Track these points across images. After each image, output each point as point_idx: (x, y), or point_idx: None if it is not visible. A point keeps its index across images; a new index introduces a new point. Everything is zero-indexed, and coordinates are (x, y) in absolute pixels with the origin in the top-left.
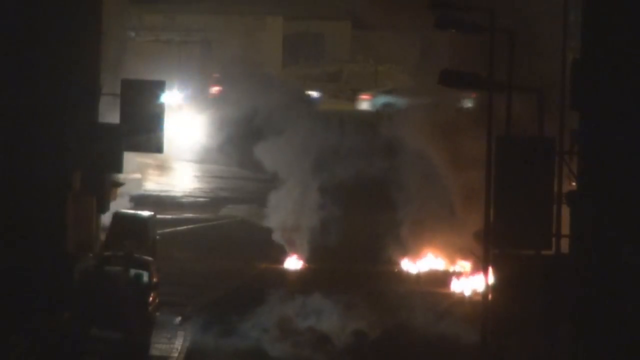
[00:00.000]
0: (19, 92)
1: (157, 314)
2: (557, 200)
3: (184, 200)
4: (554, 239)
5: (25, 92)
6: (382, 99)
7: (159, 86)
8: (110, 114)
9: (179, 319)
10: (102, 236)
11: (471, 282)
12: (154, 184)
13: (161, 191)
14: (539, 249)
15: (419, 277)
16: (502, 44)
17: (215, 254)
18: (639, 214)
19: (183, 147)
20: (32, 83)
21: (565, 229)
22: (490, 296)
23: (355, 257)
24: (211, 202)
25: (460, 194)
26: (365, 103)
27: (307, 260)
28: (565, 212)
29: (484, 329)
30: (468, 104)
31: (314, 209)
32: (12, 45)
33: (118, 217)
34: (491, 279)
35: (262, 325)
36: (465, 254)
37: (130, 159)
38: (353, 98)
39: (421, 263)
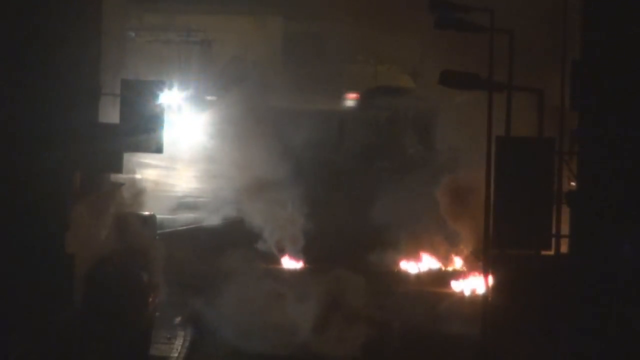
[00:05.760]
0: (18, 92)
1: (157, 314)
2: (557, 200)
3: (184, 200)
4: (553, 239)
5: (24, 92)
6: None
7: (159, 86)
8: (110, 114)
9: (179, 319)
10: (102, 236)
11: (470, 282)
12: (153, 184)
13: (161, 191)
14: (538, 249)
15: (418, 277)
16: (502, 44)
17: (215, 254)
18: (639, 214)
19: (183, 147)
20: (31, 83)
21: (565, 229)
22: (490, 296)
23: (353, 257)
24: (211, 202)
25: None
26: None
27: (306, 260)
28: (565, 212)
29: (484, 329)
30: None
31: (310, 208)
32: (12, 45)
33: (118, 217)
34: (491, 279)
35: (262, 324)
36: (464, 254)
37: (128, 159)
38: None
39: (421, 263)
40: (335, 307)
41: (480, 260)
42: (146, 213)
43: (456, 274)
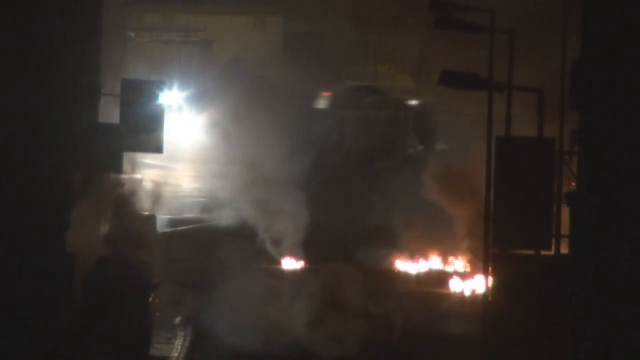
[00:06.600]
0: (18, 92)
1: (157, 314)
2: (557, 200)
3: (184, 200)
4: (553, 239)
5: (24, 92)
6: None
7: (159, 86)
8: (110, 114)
9: (179, 319)
10: (102, 236)
11: (470, 282)
12: (152, 184)
13: (161, 191)
14: (539, 249)
15: (418, 277)
16: (502, 44)
17: (215, 254)
18: (639, 214)
19: (183, 147)
20: (31, 83)
21: (565, 229)
22: (490, 296)
23: (352, 257)
24: (211, 202)
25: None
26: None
27: (306, 260)
28: (565, 212)
29: (484, 329)
30: None
31: (307, 209)
32: (12, 45)
33: (118, 217)
34: (491, 279)
35: (262, 324)
36: (464, 253)
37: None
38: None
39: (421, 263)
40: (333, 303)
41: (476, 257)
42: (146, 213)
43: (457, 274)
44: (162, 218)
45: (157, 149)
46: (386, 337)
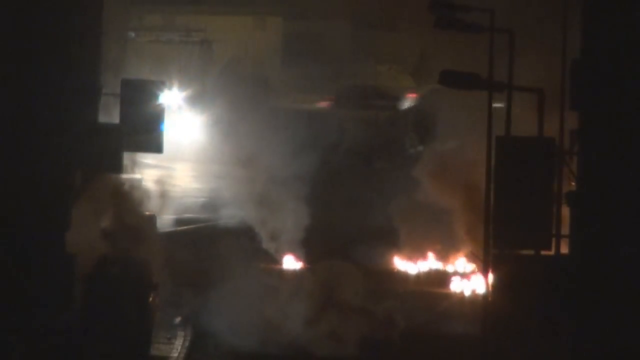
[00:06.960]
0: (18, 92)
1: (157, 313)
2: (557, 200)
3: (183, 200)
4: (554, 239)
5: (25, 91)
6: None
7: (159, 86)
8: (110, 114)
9: (179, 319)
10: (102, 232)
11: (471, 282)
12: (153, 184)
13: (161, 191)
14: (539, 249)
15: (418, 277)
16: (502, 44)
17: (214, 254)
18: (639, 214)
19: (183, 147)
20: (31, 83)
21: (565, 229)
22: (490, 296)
23: (351, 257)
24: (211, 202)
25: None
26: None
27: (306, 260)
28: (565, 212)
29: (484, 329)
30: None
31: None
32: (12, 45)
33: (118, 217)
34: (491, 280)
35: (262, 324)
36: (465, 253)
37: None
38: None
39: (421, 263)
40: (332, 302)
41: (476, 256)
42: (146, 213)
43: (458, 274)
44: (162, 218)
45: (157, 149)
46: (386, 337)
